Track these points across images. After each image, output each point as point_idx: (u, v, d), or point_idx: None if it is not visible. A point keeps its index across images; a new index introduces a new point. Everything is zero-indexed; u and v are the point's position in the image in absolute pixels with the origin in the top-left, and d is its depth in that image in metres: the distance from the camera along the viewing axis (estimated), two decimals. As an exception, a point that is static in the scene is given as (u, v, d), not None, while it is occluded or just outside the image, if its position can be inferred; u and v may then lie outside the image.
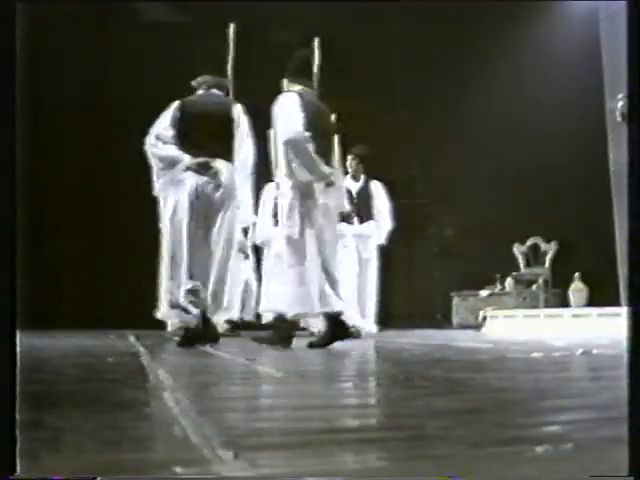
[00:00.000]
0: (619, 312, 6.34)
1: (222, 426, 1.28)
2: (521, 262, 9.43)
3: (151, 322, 5.12)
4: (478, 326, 8.43)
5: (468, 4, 8.76)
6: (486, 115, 9.16)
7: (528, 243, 9.41)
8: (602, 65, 8.30)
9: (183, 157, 4.62)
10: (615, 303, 7.31)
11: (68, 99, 9.06)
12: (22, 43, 1.39)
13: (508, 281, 9.37)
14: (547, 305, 8.68)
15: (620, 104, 4.60)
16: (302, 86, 4.56)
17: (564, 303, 8.49)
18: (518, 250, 9.43)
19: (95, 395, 1.82)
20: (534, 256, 9.39)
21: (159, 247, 4.76)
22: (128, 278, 8.30)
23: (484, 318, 8.43)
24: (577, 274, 8.46)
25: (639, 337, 1.25)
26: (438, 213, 10.15)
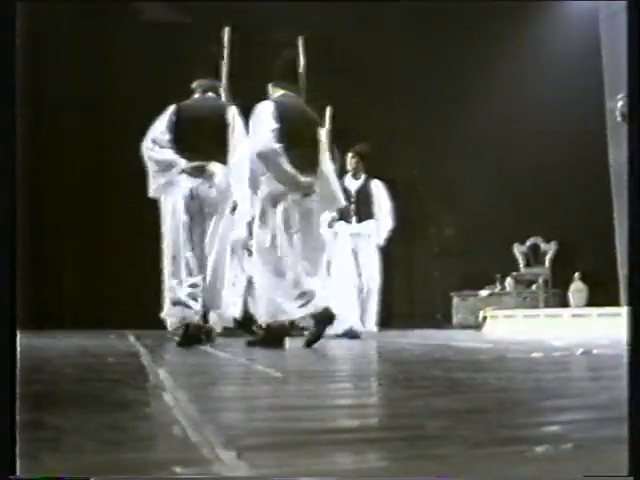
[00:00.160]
0: (619, 312, 6.34)
1: (222, 426, 1.28)
2: (521, 262, 9.42)
3: (151, 322, 5.12)
4: (478, 326, 8.43)
5: (468, 4, 8.75)
6: (486, 115, 9.16)
7: (528, 243, 9.41)
8: (602, 65, 8.30)
9: (179, 161, 4.71)
10: (615, 303, 7.31)
11: (68, 99, 9.06)
12: (22, 43, 1.39)
13: (508, 281, 9.37)
14: (547, 305, 8.67)
15: (620, 104, 4.60)
16: (285, 90, 4.59)
17: (564, 303, 8.49)
18: (518, 250, 9.43)
19: (95, 395, 1.82)
20: (534, 256, 9.38)
21: (159, 247, 4.83)
22: (128, 278, 8.30)
23: (484, 318, 8.42)
24: (577, 274, 8.46)
25: (639, 337, 1.25)
26: (438, 213, 10.15)
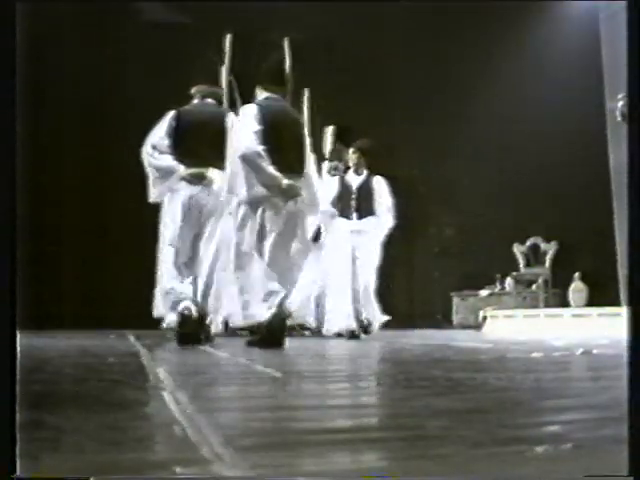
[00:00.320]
0: (619, 312, 6.35)
1: (222, 426, 1.28)
2: (521, 262, 9.43)
3: (151, 322, 5.13)
4: (478, 326, 8.43)
5: (468, 4, 8.76)
6: (486, 115, 9.15)
7: (528, 243, 9.41)
8: (602, 65, 8.30)
9: (178, 167, 4.76)
10: (615, 303, 7.31)
11: (68, 99, 9.06)
12: (22, 43, 1.39)
13: (508, 281, 9.37)
14: (547, 305, 8.67)
15: (620, 104, 4.60)
16: (270, 93, 4.60)
17: (564, 303, 8.49)
18: (518, 250, 9.43)
19: (95, 395, 1.82)
20: (534, 256, 9.38)
21: (159, 247, 4.87)
22: (128, 278, 8.29)
23: (484, 318, 8.43)
24: (577, 274, 8.46)
25: (639, 337, 1.25)
26: (438, 213, 10.15)
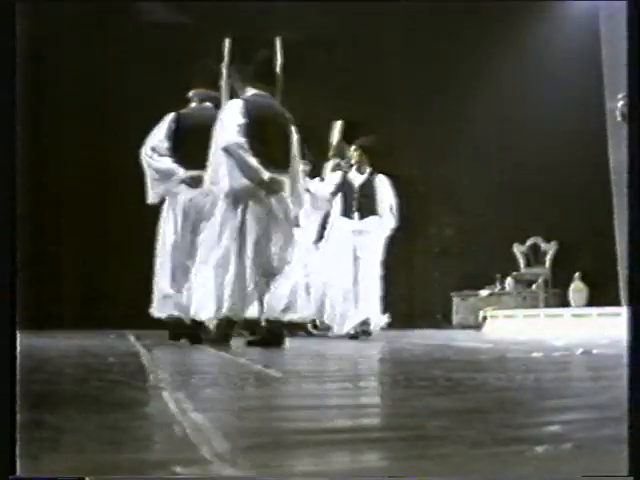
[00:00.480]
0: (619, 312, 6.34)
1: (222, 426, 1.28)
2: (521, 262, 9.42)
3: (151, 322, 5.12)
4: (478, 326, 8.43)
5: (468, 4, 8.75)
6: (486, 115, 9.15)
7: (528, 243, 9.41)
8: (602, 65, 8.29)
9: (178, 170, 4.83)
10: (615, 303, 7.31)
11: (68, 98, 9.06)
12: (22, 43, 1.39)
13: (508, 281, 9.37)
14: (547, 305, 8.67)
15: (620, 104, 4.60)
16: (258, 90, 4.62)
17: (564, 303, 8.49)
18: (518, 250, 9.43)
19: (95, 395, 1.82)
20: (534, 256, 9.38)
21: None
22: (128, 278, 8.29)
23: (484, 318, 8.42)
24: (577, 274, 8.46)
25: (639, 337, 1.25)
26: (438, 213, 10.14)
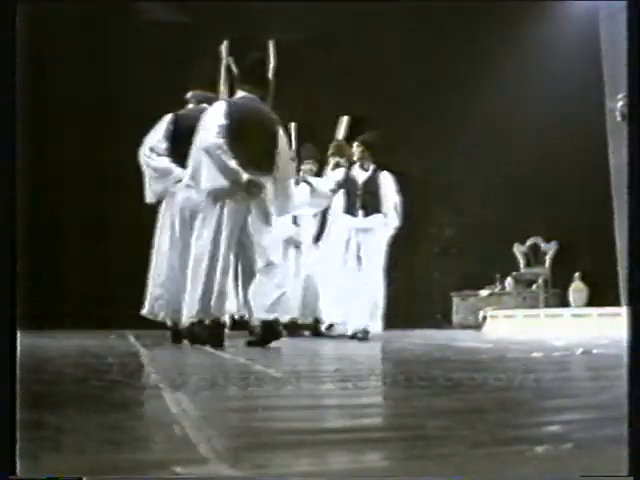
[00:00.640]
0: (619, 312, 6.34)
1: (222, 426, 1.28)
2: (521, 262, 9.43)
3: (151, 322, 5.12)
4: (478, 326, 8.43)
5: (468, 4, 8.75)
6: (486, 115, 9.14)
7: (528, 243, 9.41)
8: (602, 65, 8.29)
9: (175, 170, 4.85)
10: (615, 303, 7.31)
11: (68, 99, 9.05)
12: (22, 43, 1.39)
13: (508, 281, 9.37)
14: (547, 305, 8.67)
15: (620, 104, 4.60)
16: (247, 92, 4.65)
17: (564, 303, 8.49)
18: (518, 250, 9.43)
19: (95, 395, 1.82)
20: (534, 256, 9.38)
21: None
22: (128, 278, 8.29)
23: (484, 318, 8.42)
24: (577, 274, 8.46)
25: (639, 337, 1.25)
26: (438, 213, 10.14)
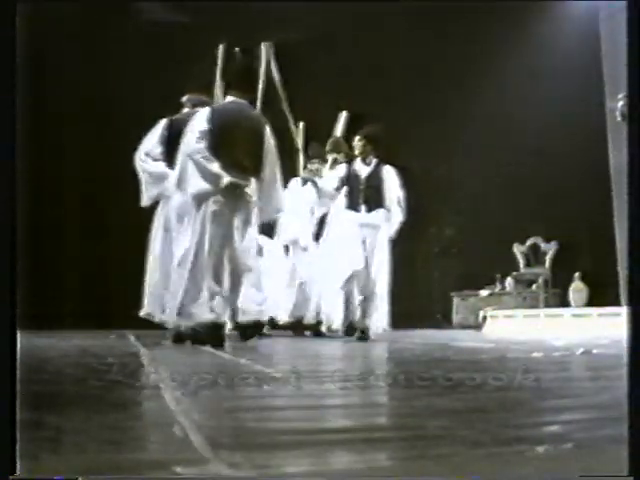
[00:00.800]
0: (619, 312, 6.34)
1: (222, 426, 1.28)
2: (521, 262, 9.42)
3: (151, 322, 5.13)
4: (478, 326, 8.43)
5: (469, 4, 8.75)
6: (486, 115, 9.14)
7: (528, 243, 9.40)
8: (602, 65, 8.29)
9: (170, 174, 4.86)
10: (615, 303, 7.31)
11: (68, 99, 9.05)
12: (22, 43, 1.39)
13: (508, 281, 9.36)
14: (547, 305, 8.67)
15: (620, 104, 4.61)
16: (234, 97, 4.70)
17: (564, 303, 8.49)
18: (518, 250, 9.42)
19: (95, 395, 1.82)
20: (534, 256, 9.38)
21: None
22: (128, 278, 8.29)
23: (484, 318, 8.42)
24: (577, 274, 8.46)
25: (639, 337, 1.25)
26: (438, 213, 10.13)
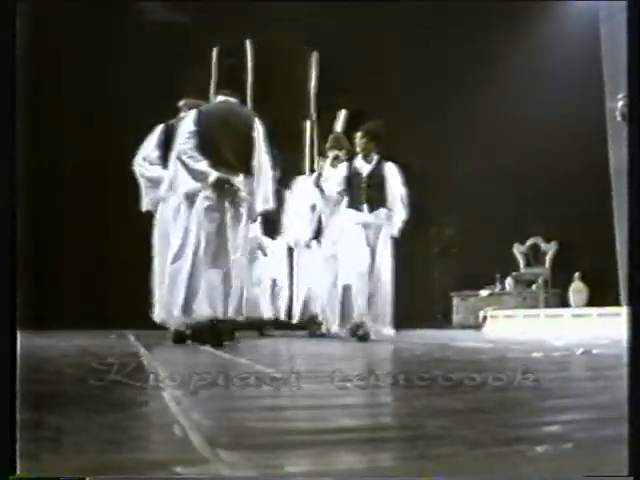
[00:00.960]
0: (619, 312, 6.35)
1: (222, 426, 1.28)
2: (521, 262, 9.42)
3: (151, 322, 5.12)
4: (478, 326, 8.43)
5: (468, 4, 8.75)
6: (486, 115, 9.14)
7: (528, 243, 9.40)
8: (602, 65, 8.29)
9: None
10: (615, 303, 7.31)
11: (68, 99, 9.05)
12: (22, 43, 1.39)
13: (508, 281, 9.37)
14: (547, 305, 8.67)
15: (620, 104, 4.60)
16: (223, 96, 4.78)
17: (564, 303, 8.49)
18: (518, 250, 9.43)
19: (95, 395, 1.82)
20: (534, 256, 9.38)
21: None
22: (128, 278, 8.29)
23: (484, 318, 8.43)
24: (577, 274, 8.46)
25: (639, 337, 1.25)
26: (438, 213, 10.13)
